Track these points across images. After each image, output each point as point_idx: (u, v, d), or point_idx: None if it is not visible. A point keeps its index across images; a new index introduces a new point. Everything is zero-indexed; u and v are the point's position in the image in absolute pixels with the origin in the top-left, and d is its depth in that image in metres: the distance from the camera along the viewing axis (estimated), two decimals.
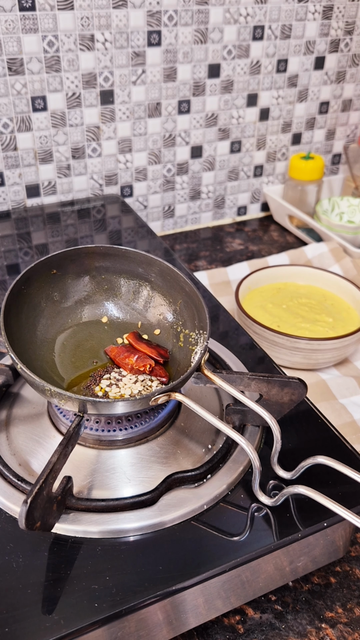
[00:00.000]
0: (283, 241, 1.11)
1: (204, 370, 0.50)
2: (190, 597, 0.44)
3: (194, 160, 1.09)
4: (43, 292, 0.57)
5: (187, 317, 0.56)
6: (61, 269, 0.57)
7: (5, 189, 0.97)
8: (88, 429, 0.51)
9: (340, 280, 0.85)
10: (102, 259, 0.59)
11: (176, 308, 0.57)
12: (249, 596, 0.49)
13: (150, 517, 0.45)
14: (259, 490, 0.47)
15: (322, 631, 0.49)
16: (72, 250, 0.57)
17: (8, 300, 0.51)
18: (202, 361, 0.50)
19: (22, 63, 0.87)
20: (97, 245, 0.58)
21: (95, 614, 0.40)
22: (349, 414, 0.69)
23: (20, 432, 0.53)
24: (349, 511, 0.41)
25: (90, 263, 0.59)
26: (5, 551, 0.44)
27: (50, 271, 0.57)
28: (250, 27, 1.00)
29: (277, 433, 0.47)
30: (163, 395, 0.46)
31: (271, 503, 0.47)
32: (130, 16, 0.90)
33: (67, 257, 0.57)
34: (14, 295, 0.53)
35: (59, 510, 0.44)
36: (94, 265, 0.59)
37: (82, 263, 0.58)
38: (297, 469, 0.47)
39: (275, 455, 0.48)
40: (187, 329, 0.55)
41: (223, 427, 0.46)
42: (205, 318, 0.52)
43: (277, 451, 0.48)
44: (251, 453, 0.45)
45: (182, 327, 0.56)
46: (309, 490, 0.43)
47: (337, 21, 1.07)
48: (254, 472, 0.46)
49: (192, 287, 0.54)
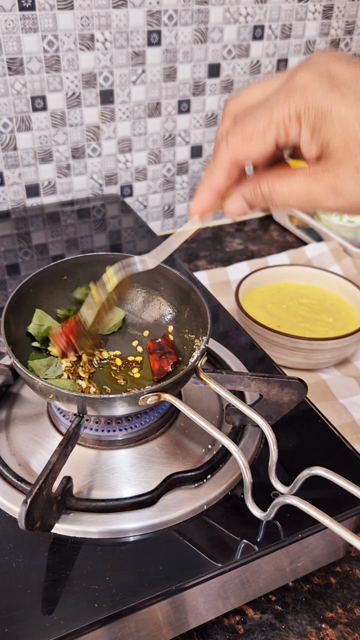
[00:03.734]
0: (283, 241, 1.11)
1: (200, 373, 0.49)
2: (190, 597, 0.44)
3: (194, 160, 1.09)
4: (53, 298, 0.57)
5: (194, 326, 0.56)
6: (72, 275, 0.58)
7: (5, 189, 0.97)
8: (88, 429, 0.51)
9: (341, 280, 0.85)
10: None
11: (184, 317, 0.57)
12: (249, 596, 0.49)
13: (150, 518, 0.45)
14: (251, 502, 0.45)
15: (322, 631, 0.49)
16: (83, 258, 0.58)
17: (12, 301, 0.51)
18: (198, 364, 0.49)
19: (22, 63, 0.87)
20: (108, 254, 0.58)
21: (95, 614, 0.40)
22: (349, 414, 0.69)
23: (20, 432, 0.53)
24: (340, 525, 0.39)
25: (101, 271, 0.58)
26: (5, 551, 0.44)
27: (61, 277, 0.58)
28: (250, 26, 1.00)
29: (272, 444, 0.46)
30: (152, 395, 0.45)
31: (264, 517, 0.45)
32: (130, 16, 0.90)
33: (78, 264, 0.58)
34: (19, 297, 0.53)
35: (58, 510, 0.44)
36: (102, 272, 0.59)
37: (92, 271, 0.58)
38: (295, 483, 0.45)
39: (272, 467, 0.47)
40: (192, 335, 0.55)
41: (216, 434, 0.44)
42: (207, 322, 0.52)
43: (274, 463, 0.46)
44: (243, 464, 0.44)
45: (188, 335, 0.56)
46: (301, 502, 0.41)
47: (337, 21, 1.07)
48: (245, 485, 0.44)
49: (200, 295, 0.54)
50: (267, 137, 0.37)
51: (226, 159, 0.39)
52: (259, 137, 0.37)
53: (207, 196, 0.42)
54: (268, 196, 0.39)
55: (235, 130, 0.38)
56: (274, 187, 0.38)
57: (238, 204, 0.41)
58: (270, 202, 0.39)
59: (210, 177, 0.41)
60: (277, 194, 0.38)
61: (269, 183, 0.39)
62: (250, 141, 0.37)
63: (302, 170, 0.37)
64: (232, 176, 0.40)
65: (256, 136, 0.37)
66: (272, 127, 0.36)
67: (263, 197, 0.39)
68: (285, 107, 0.36)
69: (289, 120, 0.36)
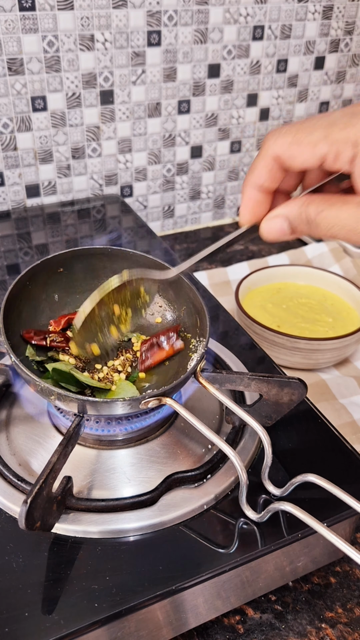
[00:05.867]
0: (283, 241, 1.11)
1: (200, 377, 0.49)
2: (190, 597, 0.44)
3: (194, 160, 1.09)
4: (46, 289, 0.56)
5: (190, 324, 0.55)
6: (68, 268, 0.57)
7: (5, 189, 0.97)
8: (88, 429, 0.51)
9: (340, 280, 0.85)
10: (109, 261, 0.58)
11: (180, 314, 0.57)
12: (249, 596, 0.49)
13: (150, 517, 0.45)
14: (245, 504, 0.46)
15: (322, 631, 0.49)
16: (81, 250, 0.57)
17: (10, 297, 0.51)
18: (197, 368, 0.49)
19: (22, 63, 0.87)
20: (106, 247, 0.57)
21: (95, 614, 0.40)
22: (349, 414, 0.69)
23: (20, 432, 0.53)
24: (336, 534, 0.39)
25: (98, 264, 0.58)
26: (5, 551, 0.44)
27: (57, 269, 0.57)
28: (250, 27, 1.00)
29: (267, 448, 0.46)
30: (153, 399, 0.45)
31: (257, 519, 0.45)
32: (130, 16, 0.90)
33: (75, 257, 0.57)
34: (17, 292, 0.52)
35: (58, 510, 0.44)
36: (102, 266, 0.58)
37: (89, 263, 0.58)
38: (287, 487, 0.46)
39: (265, 470, 0.47)
40: (188, 334, 0.55)
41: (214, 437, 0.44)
42: (206, 326, 0.51)
43: (268, 466, 0.47)
44: (239, 466, 0.44)
45: (184, 333, 0.56)
46: (295, 508, 0.41)
47: (337, 21, 1.07)
48: (241, 486, 0.45)
49: (197, 294, 0.54)
50: (316, 150, 0.35)
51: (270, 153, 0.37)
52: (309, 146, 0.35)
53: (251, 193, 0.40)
54: (313, 220, 0.37)
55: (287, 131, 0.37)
56: (322, 211, 0.36)
57: (278, 224, 0.39)
58: (315, 227, 0.37)
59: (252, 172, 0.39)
60: (325, 219, 0.36)
61: (318, 206, 0.37)
62: (299, 146, 0.36)
63: (356, 200, 0.36)
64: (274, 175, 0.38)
65: (306, 145, 0.35)
66: (325, 143, 0.35)
67: (308, 220, 0.37)
68: (345, 130, 0.34)
69: (344, 143, 0.34)
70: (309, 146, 0.36)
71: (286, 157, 0.37)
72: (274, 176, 0.38)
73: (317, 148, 0.35)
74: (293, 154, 0.36)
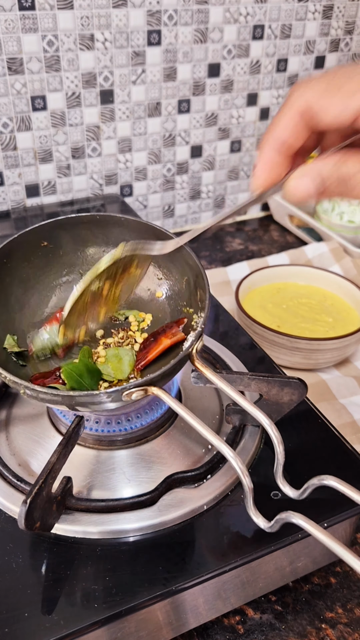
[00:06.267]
0: (283, 241, 1.11)
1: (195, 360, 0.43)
2: (190, 597, 0.44)
3: (194, 160, 1.09)
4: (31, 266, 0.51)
5: (192, 299, 0.50)
6: (53, 240, 0.52)
7: (5, 189, 0.97)
8: (88, 429, 0.51)
9: (341, 280, 0.85)
10: (99, 228, 0.53)
11: (181, 287, 0.52)
12: (249, 596, 0.49)
13: (150, 518, 0.45)
14: (253, 510, 0.41)
15: (322, 631, 0.49)
16: (65, 220, 0.52)
17: None
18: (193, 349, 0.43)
19: (21, 63, 0.87)
20: (94, 214, 0.52)
21: (95, 615, 0.40)
22: (349, 414, 0.69)
23: (20, 432, 0.53)
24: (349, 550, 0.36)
25: (87, 234, 0.53)
26: (5, 551, 0.44)
27: (40, 243, 0.52)
28: (250, 26, 1.00)
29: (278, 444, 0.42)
30: (138, 389, 0.41)
31: (268, 528, 0.42)
32: (130, 16, 0.90)
33: (59, 227, 0.52)
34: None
35: (58, 510, 0.44)
36: (92, 235, 0.53)
37: (77, 234, 0.53)
38: (305, 488, 0.42)
39: (279, 469, 0.43)
40: (191, 309, 0.50)
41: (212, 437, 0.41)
42: (205, 298, 0.46)
43: (281, 464, 0.42)
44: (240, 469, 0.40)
45: (187, 308, 0.51)
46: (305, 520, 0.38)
47: (337, 21, 1.07)
48: (245, 493, 0.41)
49: (196, 261, 0.48)
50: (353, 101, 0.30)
51: (297, 106, 0.33)
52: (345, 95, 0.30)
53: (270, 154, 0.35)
54: (351, 178, 0.32)
55: (318, 82, 0.32)
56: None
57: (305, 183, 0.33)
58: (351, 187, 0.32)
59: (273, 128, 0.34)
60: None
61: (357, 163, 0.32)
62: (334, 96, 0.31)
63: None
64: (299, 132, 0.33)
65: (343, 94, 0.31)
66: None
67: (344, 178, 0.32)
68: None
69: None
70: (345, 96, 0.31)
71: (316, 110, 0.32)
72: (298, 134, 0.34)
73: (354, 98, 0.31)
74: (324, 105, 0.32)
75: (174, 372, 0.44)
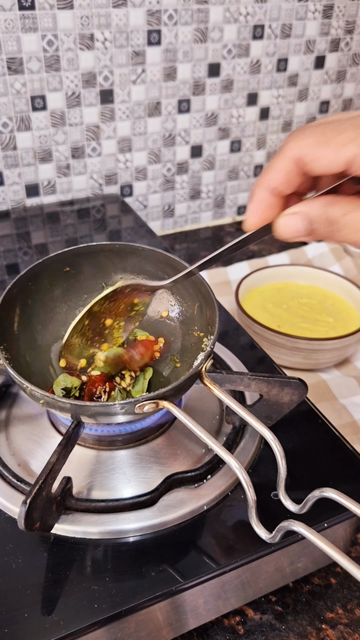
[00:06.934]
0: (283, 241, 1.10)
1: (205, 379, 0.46)
2: (190, 597, 0.44)
3: (194, 160, 1.09)
4: (53, 290, 0.54)
5: (203, 323, 0.53)
6: (75, 266, 0.55)
7: (5, 189, 0.96)
8: (87, 429, 0.51)
9: (341, 280, 0.85)
10: (118, 257, 0.56)
11: (193, 312, 0.55)
12: (249, 597, 0.49)
13: (150, 518, 0.45)
14: (256, 522, 0.41)
15: (322, 632, 0.49)
16: (84, 248, 0.55)
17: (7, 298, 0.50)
18: (202, 368, 0.45)
19: (21, 62, 0.87)
20: (113, 243, 0.55)
21: (95, 615, 0.40)
22: (350, 414, 0.69)
23: (20, 432, 0.53)
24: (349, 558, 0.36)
25: (106, 262, 0.56)
26: (5, 552, 0.43)
27: (62, 268, 0.55)
28: (250, 26, 1.00)
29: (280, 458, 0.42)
30: (149, 402, 0.42)
31: (269, 539, 0.42)
32: (130, 15, 0.90)
33: (80, 255, 0.55)
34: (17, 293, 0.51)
35: (58, 510, 0.44)
36: (110, 264, 0.56)
37: (97, 262, 0.56)
38: (305, 502, 0.42)
39: (281, 483, 0.42)
40: (202, 333, 0.53)
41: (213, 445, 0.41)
42: (215, 322, 0.49)
43: (283, 479, 0.42)
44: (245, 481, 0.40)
45: (197, 332, 0.53)
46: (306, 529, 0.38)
47: (338, 20, 1.07)
48: (249, 505, 0.41)
49: (208, 289, 0.51)
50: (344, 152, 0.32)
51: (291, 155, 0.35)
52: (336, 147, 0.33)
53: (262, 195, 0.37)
54: (337, 221, 0.34)
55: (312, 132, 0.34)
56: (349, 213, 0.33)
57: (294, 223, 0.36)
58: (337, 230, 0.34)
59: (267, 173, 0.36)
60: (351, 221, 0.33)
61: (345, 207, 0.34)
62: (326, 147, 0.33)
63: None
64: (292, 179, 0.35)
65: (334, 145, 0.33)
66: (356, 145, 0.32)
67: (330, 221, 0.34)
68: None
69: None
70: (336, 148, 0.33)
71: (310, 159, 0.34)
72: (290, 180, 0.36)
73: (345, 150, 0.33)
74: (317, 156, 0.34)
75: (185, 389, 0.46)
